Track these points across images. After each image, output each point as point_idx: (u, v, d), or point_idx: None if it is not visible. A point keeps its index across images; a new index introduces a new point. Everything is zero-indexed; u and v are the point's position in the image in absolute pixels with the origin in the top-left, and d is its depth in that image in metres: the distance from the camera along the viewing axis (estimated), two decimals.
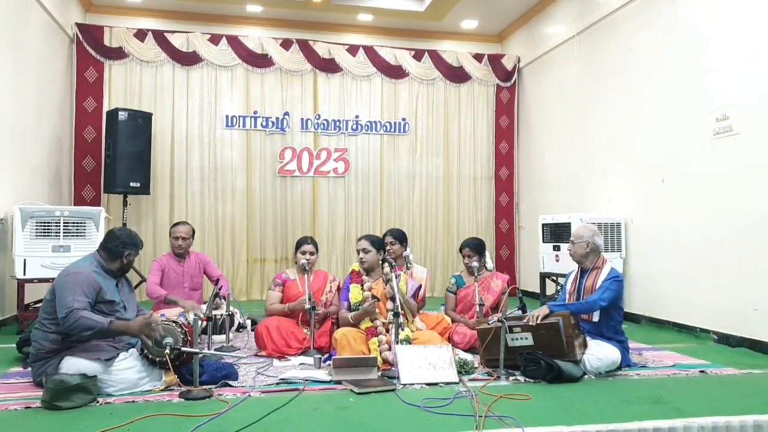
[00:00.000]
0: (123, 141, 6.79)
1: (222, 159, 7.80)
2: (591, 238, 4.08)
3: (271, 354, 4.29)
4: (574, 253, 4.13)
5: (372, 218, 8.14)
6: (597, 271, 4.04)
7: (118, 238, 3.57)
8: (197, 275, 5.30)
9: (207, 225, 7.74)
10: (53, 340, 3.32)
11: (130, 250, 3.59)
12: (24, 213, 5.12)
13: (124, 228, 3.71)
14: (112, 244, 3.56)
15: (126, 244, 3.57)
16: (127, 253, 3.58)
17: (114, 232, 3.62)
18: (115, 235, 3.59)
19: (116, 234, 3.60)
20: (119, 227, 3.70)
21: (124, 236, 3.59)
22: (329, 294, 4.75)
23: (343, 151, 8.09)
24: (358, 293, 4.20)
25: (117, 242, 3.56)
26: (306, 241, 4.77)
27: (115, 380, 3.28)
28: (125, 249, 3.57)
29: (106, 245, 3.58)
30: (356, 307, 4.14)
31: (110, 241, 3.58)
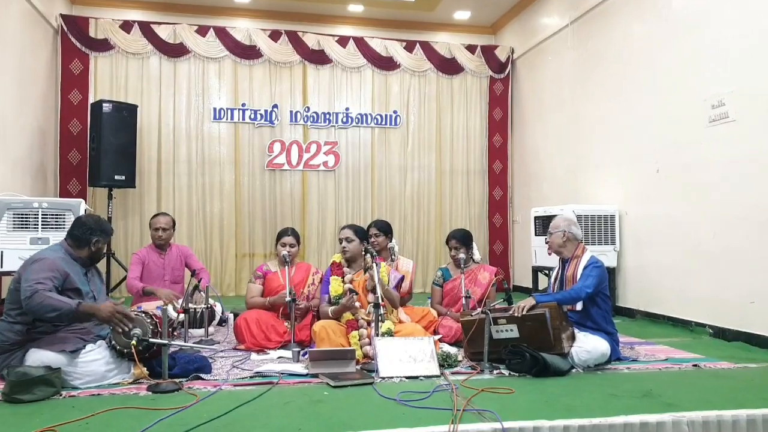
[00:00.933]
0: (107, 133, 6.67)
1: (210, 152, 7.66)
2: (567, 227, 3.97)
3: (251, 348, 4.16)
4: (551, 243, 4.04)
5: (363, 212, 8.00)
6: (577, 260, 3.91)
7: (84, 225, 3.44)
8: (178, 267, 5.18)
9: (195, 219, 7.61)
10: (18, 331, 3.19)
11: (98, 237, 3.45)
12: (1, 204, 4.99)
13: (91, 215, 3.58)
14: (79, 231, 3.43)
15: (93, 230, 3.44)
16: (95, 240, 3.45)
17: (81, 219, 3.49)
18: (82, 222, 3.46)
19: (83, 221, 3.47)
20: (87, 214, 3.57)
21: (91, 222, 3.46)
22: (311, 287, 4.61)
23: (333, 145, 7.96)
24: (339, 286, 4.06)
25: (84, 229, 3.43)
26: (287, 233, 4.64)
27: (81, 372, 3.15)
28: (93, 236, 3.44)
29: (73, 232, 3.45)
30: (336, 300, 4.00)
31: (77, 228, 3.45)
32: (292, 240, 4.59)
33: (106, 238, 3.52)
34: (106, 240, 3.54)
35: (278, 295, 4.37)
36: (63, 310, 3.07)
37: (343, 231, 4.26)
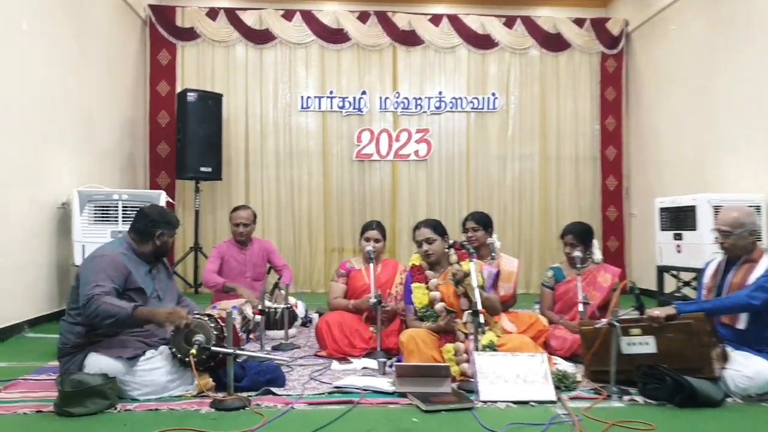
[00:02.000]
0: (193, 124, 6.50)
1: (297, 143, 7.34)
2: (753, 224, 3.08)
3: (333, 354, 3.70)
4: (733, 246, 3.08)
5: (457, 205, 7.39)
6: (750, 265, 3.03)
7: (147, 217, 3.10)
8: (260, 264, 4.82)
9: (283, 213, 7.32)
10: (78, 333, 2.89)
11: (162, 230, 3.10)
12: (82, 196, 4.84)
13: (155, 205, 3.24)
14: (141, 224, 3.10)
15: (157, 222, 3.09)
16: (159, 233, 3.09)
17: (143, 211, 3.15)
18: (144, 214, 3.12)
19: (146, 212, 3.13)
20: (150, 205, 3.23)
21: (154, 214, 3.12)
22: (399, 286, 4.09)
23: (425, 132, 7.39)
24: (423, 295, 3.44)
25: (147, 221, 3.09)
26: (371, 226, 4.14)
27: (139, 383, 2.79)
28: (156, 228, 3.09)
29: (136, 225, 3.12)
30: (423, 313, 3.42)
31: (139, 221, 3.11)
32: (377, 234, 4.09)
33: (171, 230, 3.17)
34: (172, 233, 3.19)
35: (362, 299, 3.89)
36: (119, 316, 2.73)
37: (419, 231, 3.56)
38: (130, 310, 2.74)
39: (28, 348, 3.92)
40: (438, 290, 3.42)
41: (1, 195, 4.15)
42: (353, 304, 3.93)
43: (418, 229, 3.56)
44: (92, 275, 2.84)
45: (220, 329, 2.90)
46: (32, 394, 2.85)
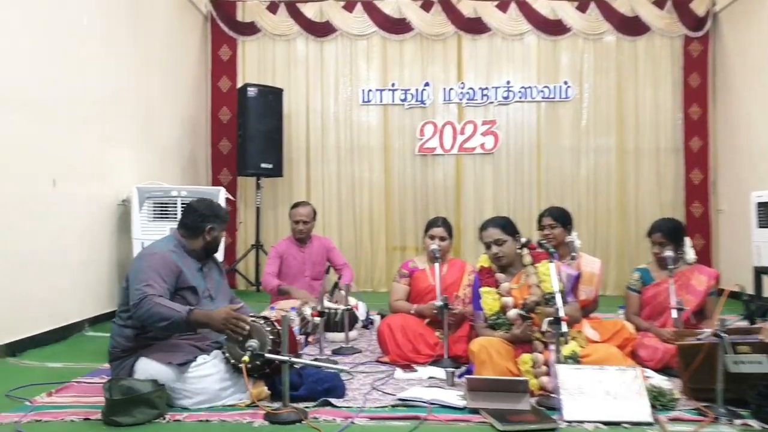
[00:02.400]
0: (253, 119, 6.40)
1: (358, 138, 7.12)
2: None
3: (396, 361, 3.43)
4: None
5: (527, 201, 6.99)
6: None
7: (195, 211, 2.94)
8: (320, 263, 4.62)
9: (344, 210, 7.12)
10: (128, 336, 2.75)
11: (212, 224, 2.93)
12: (141, 193, 4.77)
13: (203, 199, 3.06)
14: (190, 219, 2.93)
15: (206, 217, 2.92)
16: (209, 228, 2.92)
17: (191, 205, 2.99)
18: (193, 208, 2.96)
19: (194, 207, 2.97)
20: (198, 199, 3.05)
21: (202, 208, 2.95)
22: (467, 288, 3.78)
23: (492, 124, 7.02)
24: (494, 300, 3.10)
25: (195, 216, 2.92)
26: (436, 223, 3.86)
27: (191, 390, 2.62)
28: (206, 223, 2.91)
29: (184, 221, 2.96)
30: (495, 321, 3.09)
31: (188, 216, 2.95)
32: (442, 232, 3.80)
33: (221, 224, 2.99)
34: (222, 227, 3.01)
35: (427, 305, 3.61)
36: (173, 320, 2.56)
37: (487, 232, 3.18)
38: (184, 314, 2.57)
39: (86, 347, 3.86)
40: (511, 295, 3.10)
41: (63, 192, 4.10)
42: (416, 309, 3.66)
43: (485, 229, 3.20)
44: (143, 274, 2.69)
45: (276, 333, 2.69)
46: (82, 398, 2.73)
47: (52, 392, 2.78)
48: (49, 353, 3.64)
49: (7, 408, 2.58)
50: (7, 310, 3.53)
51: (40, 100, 3.89)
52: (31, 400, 2.65)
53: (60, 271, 4.08)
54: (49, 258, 3.95)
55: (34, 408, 2.56)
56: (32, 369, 3.29)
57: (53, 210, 4.02)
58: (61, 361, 3.46)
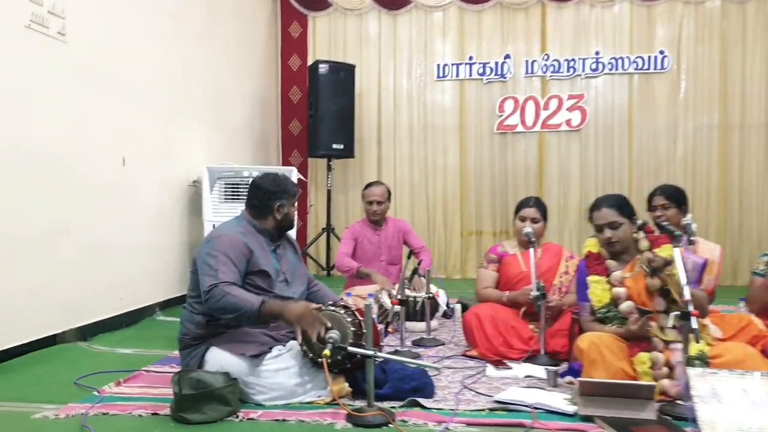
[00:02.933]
0: (325, 98, 6.14)
1: (432, 116, 6.74)
2: None
3: (485, 355, 3.10)
4: None
5: (616, 182, 6.43)
6: None
7: (260, 188, 2.68)
8: (396, 246, 4.32)
9: (417, 193, 6.78)
10: (198, 323, 2.53)
11: (280, 200, 2.67)
12: (212, 173, 4.59)
13: (267, 174, 2.79)
14: (256, 198, 2.69)
15: (272, 193, 2.66)
16: (278, 205, 2.66)
17: (255, 182, 2.74)
18: (257, 185, 2.71)
19: (258, 183, 2.71)
20: (262, 174, 2.78)
21: (267, 184, 2.68)
22: (564, 276, 3.40)
23: (579, 98, 6.49)
24: (603, 291, 2.68)
25: (260, 193, 2.67)
26: (528, 203, 3.48)
27: (265, 385, 2.37)
28: (273, 200, 2.66)
29: (250, 200, 2.72)
30: (604, 314, 2.68)
31: (253, 195, 2.71)
32: (534, 213, 3.42)
33: (290, 199, 2.72)
34: (292, 202, 2.74)
35: (521, 291, 3.24)
36: (244, 311, 2.33)
37: (600, 213, 2.73)
38: (256, 306, 2.33)
39: (157, 333, 3.71)
40: (624, 285, 2.68)
41: (132, 172, 3.96)
42: (509, 296, 3.30)
43: (598, 209, 2.76)
44: (212, 260, 2.46)
45: (358, 324, 2.41)
46: (151, 389, 2.54)
47: (120, 381, 2.61)
48: (120, 338, 3.51)
49: (75, 397, 2.42)
50: (79, 293, 3.41)
51: (110, 78, 3.75)
52: (99, 390, 2.48)
53: (131, 253, 3.95)
54: (120, 240, 3.83)
55: (101, 399, 2.39)
56: (102, 354, 3.16)
57: (124, 191, 3.89)
58: (131, 346, 3.32)
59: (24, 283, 3.02)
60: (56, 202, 3.26)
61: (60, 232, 3.28)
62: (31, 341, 3.03)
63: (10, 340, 2.91)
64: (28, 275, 3.05)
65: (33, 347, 3.03)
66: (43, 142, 3.17)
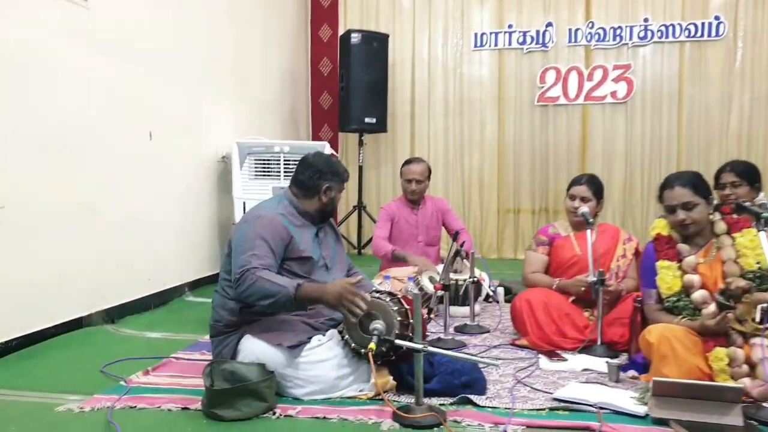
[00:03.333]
0: (357, 69, 5.87)
1: (469, 88, 6.44)
2: None
3: (536, 344, 2.87)
4: None
5: (664, 157, 6.09)
6: None
7: (311, 167, 2.46)
8: (434, 227, 4.08)
9: (451, 169, 6.51)
10: (231, 309, 2.34)
11: (329, 182, 2.46)
12: (242, 148, 4.39)
13: (320, 153, 2.58)
14: (305, 175, 2.47)
15: (323, 173, 2.45)
16: (326, 187, 2.45)
17: (307, 159, 2.51)
18: (308, 163, 2.49)
19: (309, 161, 2.49)
20: (315, 153, 2.57)
21: (320, 163, 2.47)
22: (621, 260, 3.13)
23: (626, 68, 6.11)
24: (674, 278, 2.42)
25: (311, 172, 2.46)
26: (579, 181, 3.21)
27: (303, 378, 2.18)
28: (323, 181, 2.45)
29: (298, 177, 2.50)
30: (674, 303, 2.42)
31: (303, 171, 2.48)
32: (585, 191, 3.14)
33: (339, 183, 2.51)
34: (340, 187, 2.54)
35: (573, 280, 2.99)
36: (278, 297, 2.13)
37: (673, 192, 2.43)
38: (291, 291, 2.12)
39: (187, 315, 3.56)
40: (697, 272, 2.42)
41: (159, 147, 3.79)
42: (559, 285, 3.04)
43: (671, 188, 2.46)
44: (247, 242, 2.26)
45: (404, 313, 2.19)
46: (181, 379, 2.38)
47: (148, 370, 2.45)
48: (148, 321, 3.37)
49: (102, 387, 2.26)
50: (105, 274, 3.26)
51: (135, 48, 3.56)
52: (127, 380, 2.32)
53: (158, 232, 3.79)
54: (148, 218, 3.67)
55: (128, 390, 2.22)
56: (129, 339, 3.01)
57: (151, 167, 3.72)
58: (159, 330, 3.17)
59: (47, 265, 2.87)
60: (81, 178, 3.10)
61: (85, 210, 3.13)
62: (56, 325, 2.90)
63: (33, 324, 2.77)
64: (51, 256, 2.90)
65: (58, 331, 2.89)
66: (66, 115, 3.00)
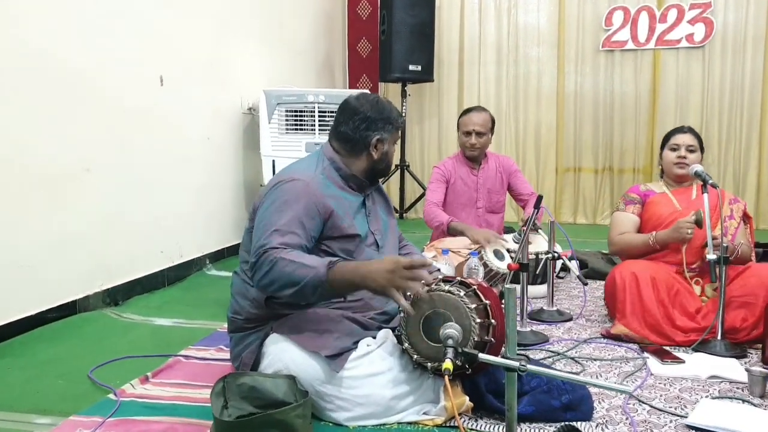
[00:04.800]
0: (400, 11, 5.21)
1: (525, 32, 5.70)
2: None
3: (639, 335, 2.26)
4: None
5: (747, 109, 5.28)
6: None
7: (356, 113, 1.85)
8: (498, 190, 3.44)
9: (504, 122, 5.81)
10: (254, 300, 1.77)
11: (380, 133, 1.85)
12: (270, 98, 3.79)
13: (365, 95, 1.94)
14: (348, 126, 1.85)
15: (372, 121, 1.84)
16: (377, 139, 1.85)
17: (349, 104, 1.89)
18: (352, 109, 1.87)
19: (352, 106, 1.87)
20: (359, 94, 1.94)
21: (366, 108, 1.85)
22: (729, 221, 2.51)
23: (704, 8, 5.26)
24: None
25: (356, 120, 1.84)
26: (682, 129, 2.65)
27: (349, 399, 1.61)
28: (372, 131, 1.84)
29: (339, 129, 1.88)
30: None
31: (345, 121, 1.86)
32: (692, 140, 2.58)
33: (394, 132, 1.90)
34: (395, 137, 1.93)
35: (675, 225, 2.36)
36: (306, 282, 1.54)
37: None
38: (323, 272, 1.53)
39: (206, 293, 3.04)
40: None
41: (173, 96, 3.22)
42: (659, 235, 2.42)
43: None
44: (272, 214, 1.68)
45: (483, 311, 1.60)
46: (189, 390, 1.83)
47: (148, 376, 1.90)
48: (159, 302, 2.84)
49: (85, 402, 1.73)
50: (107, 247, 2.73)
51: None
52: (117, 392, 1.78)
53: (173, 196, 3.24)
54: (159, 179, 3.12)
55: (118, 408, 1.68)
56: (133, 327, 2.48)
57: (162, 119, 3.15)
58: (171, 315, 2.63)
59: (35, 237, 2.35)
60: (76, 132, 2.55)
61: (79, 169, 2.58)
62: (44, 311, 2.37)
63: (17, 311, 2.26)
64: (40, 226, 2.38)
65: (46, 319, 2.37)
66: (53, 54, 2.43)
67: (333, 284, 1.55)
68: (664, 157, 2.63)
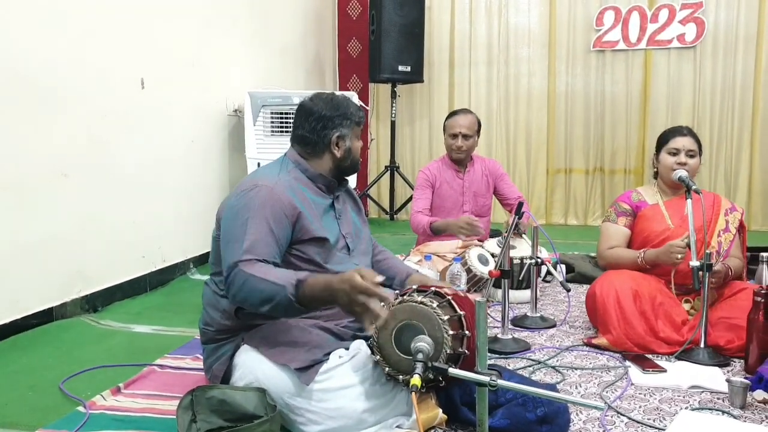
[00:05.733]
0: (389, 11, 5.18)
1: (515, 31, 5.67)
2: None
3: (621, 346, 2.24)
4: None
5: (738, 110, 5.27)
6: None
7: (312, 114, 1.82)
8: (484, 194, 3.42)
9: (495, 123, 5.79)
10: (224, 311, 1.74)
11: (339, 129, 1.83)
12: (254, 99, 3.77)
13: (320, 94, 1.91)
14: (305, 127, 1.83)
15: (328, 119, 1.82)
16: (337, 136, 1.82)
17: (304, 106, 1.86)
18: (307, 110, 1.84)
19: (307, 108, 1.84)
20: (313, 95, 1.90)
21: (321, 107, 1.82)
22: (724, 235, 2.47)
23: (696, 8, 5.24)
24: None
25: (312, 121, 1.82)
26: (682, 131, 2.56)
27: (319, 411, 1.57)
28: (329, 129, 1.82)
29: (297, 132, 1.86)
30: None
31: (302, 123, 1.84)
32: (693, 144, 2.52)
33: (354, 128, 1.87)
34: (357, 131, 1.89)
35: (665, 246, 2.32)
36: (278, 300, 1.51)
37: None
38: (290, 291, 1.50)
39: (188, 299, 3.00)
40: None
41: (155, 98, 3.19)
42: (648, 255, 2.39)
43: None
44: (239, 225, 1.64)
45: (457, 322, 1.57)
46: (161, 402, 1.80)
47: (120, 387, 1.87)
48: (139, 308, 2.81)
49: (53, 415, 1.69)
50: (86, 251, 2.70)
51: None
52: (87, 404, 1.75)
53: (156, 199, 3.21)
54: (141, 183, 3.09)
55: (86, 420, 1.65)
56: (111, 335, 2.45)
57: (143, 121, 3.12)
58: (151, 321, 2.60)
59: (8, 242, 2.31)
60: (52, 135, 2.51)
61: (56, 174, 2.54)
62: (18, 319, 2.33)
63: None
64: (14, 231, 2.34)
65: (21, 327, 2.33)
66: (31, 57, 2.39)
67: (302, 301, 1.52)
68: (662, 160, 2.53)
